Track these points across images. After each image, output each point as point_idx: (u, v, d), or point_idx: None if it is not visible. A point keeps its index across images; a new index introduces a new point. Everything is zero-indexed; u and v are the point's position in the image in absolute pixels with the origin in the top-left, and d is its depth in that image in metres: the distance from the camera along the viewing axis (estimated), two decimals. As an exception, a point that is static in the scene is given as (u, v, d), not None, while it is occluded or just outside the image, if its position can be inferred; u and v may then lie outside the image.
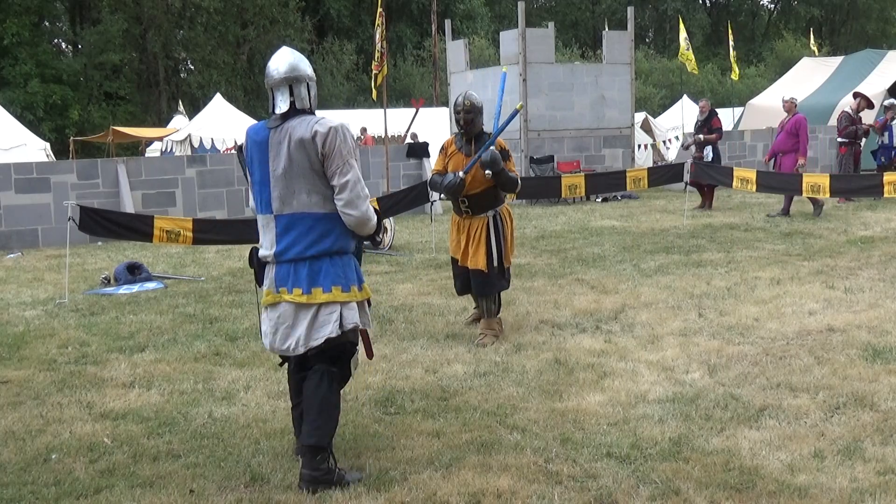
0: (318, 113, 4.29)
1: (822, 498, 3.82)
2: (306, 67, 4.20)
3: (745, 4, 61.61)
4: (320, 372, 4.14)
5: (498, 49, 20.85)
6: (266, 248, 4.18)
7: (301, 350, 4.12)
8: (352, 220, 4.09)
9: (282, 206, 4.10)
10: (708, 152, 15.65)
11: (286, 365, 4.49)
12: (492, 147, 6.48)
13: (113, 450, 4.61)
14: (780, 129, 14.58)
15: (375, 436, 4.70)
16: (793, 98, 14.80)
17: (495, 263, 6.70)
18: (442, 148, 7.02)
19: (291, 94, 4.12)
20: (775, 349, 6.15)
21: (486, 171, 6.44)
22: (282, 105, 4.11)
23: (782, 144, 14.26)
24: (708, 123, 15.81)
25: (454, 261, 7.02)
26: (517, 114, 7.00)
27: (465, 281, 6.94)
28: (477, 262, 6.68)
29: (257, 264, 4.27)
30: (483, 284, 6.75)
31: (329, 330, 4.08)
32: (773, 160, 14.51)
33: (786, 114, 14.44)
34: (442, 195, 6.80)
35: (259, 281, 4.28)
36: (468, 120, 6.70)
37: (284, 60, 4.19)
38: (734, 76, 25.63)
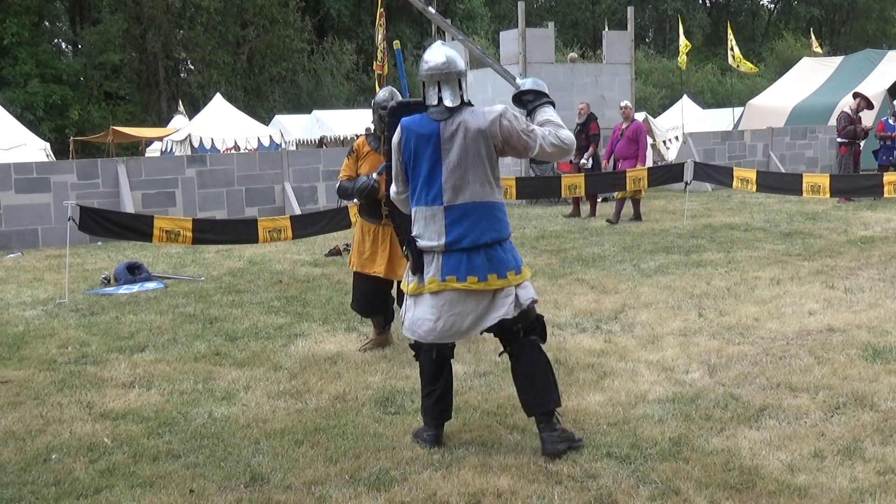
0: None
1: (822, 498, 3.82)
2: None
3: (745, 4, 61.63)
4: (529, 345, 4.42)
5: (498, 49, 20.82)
6: (431, 239, 4.31)
7: (475, 332, 4.37)
8: (556, 152, 4.49)
9: (454, 197, 4.27)
10: (588, 160, 15.05)
11: (420, 354, 4.57)
12: None
13: (113, 450, 4.60)
14: (618, 134, 14.71)
15: (375, 436, 4.69)
16: (628, 104, 15.00)
17: None
18: (351, 151, 6.48)
19: (460, 87, 4.35)
20: (775, 349, 6.15)
21: None
22: (454, 98, 4.33)
23: (623, 150, 14.49)
24: (586, 129, 15.04)
25: (359, 276, 6.40)
26: (401, 57, 6.86)
27: (375, 298, 6.39)
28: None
29: (415, 253, 4.40)
30: None
31: (504, 311, 4.29)
32: (612, 164, 14.78)
33: (623, 119, 14.71)
34: (355, 200, 6.19)
35: (416, 269, 4.38)
36: (393, 123, 6.08)
37: (453, 56, 4.41)
38: (750, 69, 25.48)
